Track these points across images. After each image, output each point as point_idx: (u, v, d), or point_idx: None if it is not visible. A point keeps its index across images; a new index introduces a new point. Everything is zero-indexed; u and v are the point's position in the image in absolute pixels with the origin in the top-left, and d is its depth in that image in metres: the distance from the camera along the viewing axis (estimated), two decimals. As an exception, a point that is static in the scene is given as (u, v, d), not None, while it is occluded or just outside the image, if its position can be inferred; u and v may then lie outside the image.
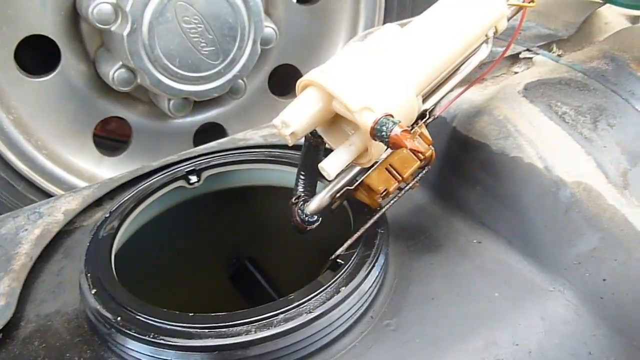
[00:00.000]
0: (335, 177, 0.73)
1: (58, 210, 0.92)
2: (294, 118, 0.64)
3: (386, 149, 0.69)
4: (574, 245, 0.73)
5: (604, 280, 0.71)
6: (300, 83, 0.66)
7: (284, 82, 1.82)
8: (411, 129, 0.71)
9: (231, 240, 1.04)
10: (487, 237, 0.79)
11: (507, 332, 0.67)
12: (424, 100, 0.76)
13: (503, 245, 0.78)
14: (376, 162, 0.73)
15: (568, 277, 0.72)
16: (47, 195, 1.48)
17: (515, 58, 1.01)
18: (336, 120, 0.71)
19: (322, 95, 0.64)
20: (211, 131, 1.75)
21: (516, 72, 0.98)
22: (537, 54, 1.00)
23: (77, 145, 1.56)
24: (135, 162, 1.60)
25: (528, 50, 1.01)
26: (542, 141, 0.79)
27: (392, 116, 0.61)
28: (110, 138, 1.80)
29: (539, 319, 0.68)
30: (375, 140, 0.61)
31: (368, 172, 0.73)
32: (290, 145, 0.66)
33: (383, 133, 0.59)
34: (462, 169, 0.85)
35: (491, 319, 0.68)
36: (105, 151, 1.64)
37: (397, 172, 0.73)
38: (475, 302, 0.70)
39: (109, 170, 1.59)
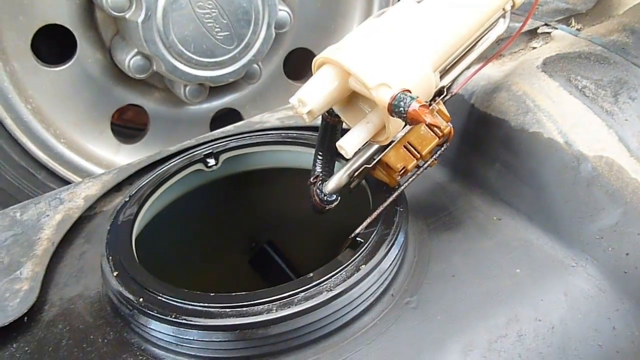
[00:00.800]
0: (353, 156, 0.73)
1: (78, 196, 0.93)
2: (311, 96, 0.63)
3: (404, 126, 0.68)
4: (596, 220, 0.72)
5: (627, 254, 0.70)
6: (316, 61, 0.66)
7: (299, 65, 1.81)
8: (429, 106, 0.71)
9: (249, 223, 1.05)
10: (507, 214, 0.79)
11: (529, 308, 0.66)
12: (442, 77, 0.75)
13: (523, 222, 0.77)
14: (394, 140, 0.73)
15: (590, 252, 0.71)
16: (67, 183, 1.49)
17: (533, 33, 0.99)
18: (353, 99, 0.71)
19: (338, 73, 0.64)
20: (227, 117, 1.75)
21: (534, 48, 0.97)
22: (556, 28, 0.98)
23: (95, 133, 1.57)
24: (152, 149, 1.60)
25: (546, 25, 0.99)
26: (562, 116, 0.78)
27: (409, 92, 0.60)
28: (128, 126, 1.81)
29: (561, 294, 0.68)
30: (393, 116, 0.60)
31: (386, 151, 0.73)
32: (308, 123, 0.66)
33: (401, 109, 0.59)
34: (481, 145, 0.85)
35: (512, 295, 0.68)
36: (122, 139, 1.65)
37: (415, 149, 0.73)
38: (496, 279, 0.70)
39: (127, 157, 1.60)
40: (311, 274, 0.65)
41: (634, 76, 0.84)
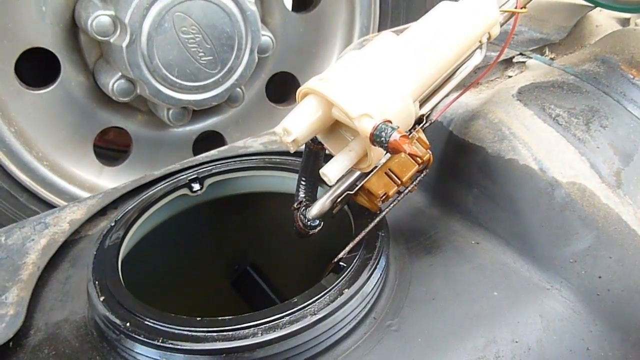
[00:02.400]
0: (336, 183, 0.75)
1: (63, 220, 0.94)
2: (296, 125, 0.65)
3: (385, 154, 0.71)
4: (570, 244, 0.75)
5: (600, 277, 0.72)
6: (300, 91, 0.68)
7: (281, 89, 1.84)
8: (409, 134, 0.73)
9: (233, 246, 1.06)
10: (485, 238, 0.81)
11: (507, 329, 0.69)
12: (421, 105, 0.77)
13: (500, 246, 0.80)
14: (375, 167, 0.75)
15: (564, 275, 0.74)
16: (49, 206, 1.49)
17: (508, 62, 1.03)
18: (336, 127, 0.73)
19: (322, 103, 0.66)
20: (210, 139, 1.77)
21: (510, 76, 1.00)
22: (530, 57, 1.02)
23: (78, 155, 1.57)
24: (135, 171, 1.61)
25: (521, 54, 1.03)
26: (536, 143, 0.81)
27: (390, 122, 0.63)
28: (110, 148, 1.82)
29: (537, 316, 0.70)
30: (375, 145, 0.63)
31: (368, 177, 0.75)
32: (292, 152, 0.68)
33: (382, 139, 0.61)
34: (459, 171, 0.87)
35: (490, 317, 0.70)
36: (105, 161, 1.66)
37: (396, 176, 0.75)
38: (474, 301, 0.72)
39: (110, 180, 1.60)
40: (295, 298, 0.66)
41: (605, 105, 0.88)
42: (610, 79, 0.92)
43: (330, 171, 0.67)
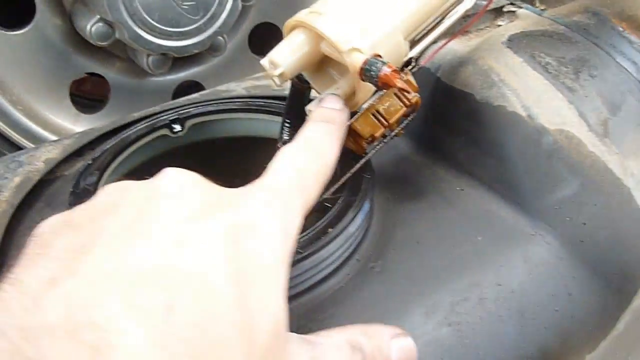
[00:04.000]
0: (322, 122, 0.73)
1: (38, 159, 0.91)
2: (283, 58, 0.63)
3: (374, 93, 0.69)
4: (555, 191, 0.74)
5: (584, 224, 0.72)
6: (288, 24, 0.66)
7: (264, 40, 1.80)
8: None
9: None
10: (470, 185, 0.80)
11: (490, 273, 0.68)
12: (410, 48, 0.76)
13: (485, 192, 0.79)
14: (362, 107, 0.74)
15: (549, 221, 0.74)
16: (23, 151, 1.45)
17: (498, 11, 1.01)
18: (323, 65, 0.71)
19: (310, 36, 0.64)
20: (190, 90, 1.72)
21: (499, 25, 0.99)
22: (521, 7, 1.00)
23: (53, 101, 1.53)
24: (112, 119, 1.57)
25: (511, 3, 1.01)
26: (525, 90, 0.80)
27: (380, 57, 0.61)
28: (87, 97, 1.78)
29: (521, 261, 0.70)
30: (364, 80, 0.61)
31: (355, 117, 0.74)
32: (278, 86, 0.66)
33: (372, 73, 0.59)
34: (446, 118, 0.86)
35: (474, 261, 0.69)
36: (82, 108, 1.62)
37: (383, 118, 0.74)
38: (459, 246, 0.71)
39: (86, 127, 1.56)
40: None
41: (595, 55, 0.87)
42: (600, 30, 0.91)
43: (317, 108, 0.65)
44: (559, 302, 0.69)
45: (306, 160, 0.54)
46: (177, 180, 0.46)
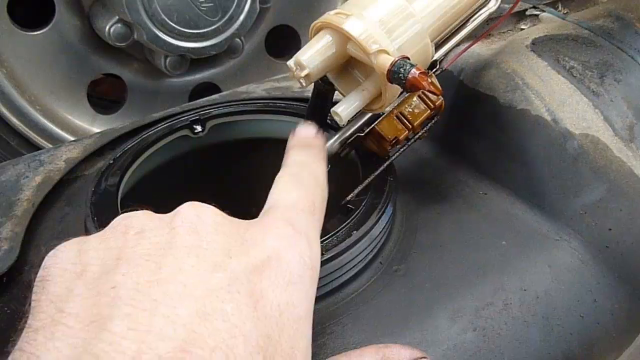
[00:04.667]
0: (346, 124, 0.73)
1: (59, 159, 0.91)
2: (309, 59, 0.63)
3: (400, 94, 0.68)
4: (580, 196, 0.74)
5: (610, 229, 0.71)
6: (314, 25, 0.66)
7: (281, 43, 1.80)
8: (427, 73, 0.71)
9: (234, 193, 1.04)
10: (493, 189, 0.80)
11: (515, 278, 0.68)
12: (435, 50, 0.75)
13: (508, 196, 0.79)
14: (387, 110, 0.73)
15: (574, 226, 0.73)
16: (41, 151, 1.46)
17: (521, 15, 1.01)
18: (348, 66, 0.70)
19: (337, 38, 0.64)
20: (206, 92, 1.73)
21: (522, 29, 0.98)
22: (544, 11, 1.00)
23: (71, 101, 1.54)
24: (129, 120, 1.57)
25: (534, 7, 1.01)
26: (550, 94, 0.79)
27: (408, 59, 0.61)
28: (104, 98, 1.78)
29: (545, 266, 0.69)
30: (392, 82, 0.60)
31: (379, 120, 0.73)
32: (304, 87, 0.66)
33: (400, 75, 0.59)
34: (469, 121, 0.85)
35: (499, 265, 0.69)
36: (99, 109, 1.62)
37: (407, 120, 0.73)
38: (482, 250, 0.71)
39: (103, 128, 1.57)
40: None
41: (619, 59, 0.86)
42: (624, 35, 0.90)
43: (343, 110, 0.65)
44: (584, 308, 0.68)
45: (310, 185, 0.53)
46: (196, 227, 0.43)
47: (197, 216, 0.44)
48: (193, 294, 0.37)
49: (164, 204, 0.94)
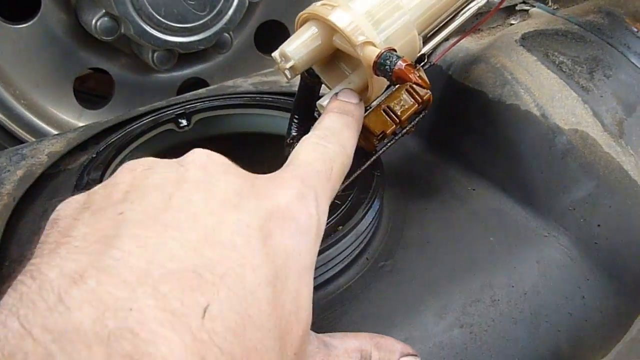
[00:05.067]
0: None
1: (42, 152, 0.90)
2: (295, 51, 0.62)
3: (386, 88, 0.67)
4: (569, 192, 0.73)
5: (599, 225, 0.71)
6: (300, 16, 0.64)
7: (270, 38, 1.78)
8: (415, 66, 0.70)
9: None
10: (481, 185, 0.79)
11: (503, 274, 0.67)
12: (423, 44, 0.74)
13: (497, 192, 0.78)
14: (373, 104, 0.72)
15: (563, 222, 0.72)
16: (26, 146, 1.44)
17: (511, 10, 1.00)
18: (334, 59, 0.69)
19: (323, 29, 0.63)
20: (195, 87, 1.71)
21: (512, 24, 0.97)
22: (534, 6, 0.99)
23: (57, 96, 1.51)
24: (116, 115, 1.56)
25: (524, 2, 1.00)
26: (539, 89, 0.79)
27: (395, 50, 0.59)
28: (91, 93, 1.76)
29: (534, 262, 0.69)
30: (378, 75, 0.59)
31: (366, 114, 0.72)
32: (289, 79, 0.64)
33: (387, 67, 0.58)
34: (457, 116, 0.85)
35: (486, 262, 0.68)
36: (85, 104, 1.60)
37: (394, 114, 0.72)
38: (470, 246, 0.70)
39: (90, 122, 1.55)
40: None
41: (609, 55, 0.85)
42: (614, 30, 0.89)
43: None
44: (572, 304, 0.67)
45: (333, 151, 0.52)
46: (207, 165, 0.42)
47: (207, 156, 0.44)
48: (203, 223, 0.36)
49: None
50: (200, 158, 0.44)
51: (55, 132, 1.50)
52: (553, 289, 0.67)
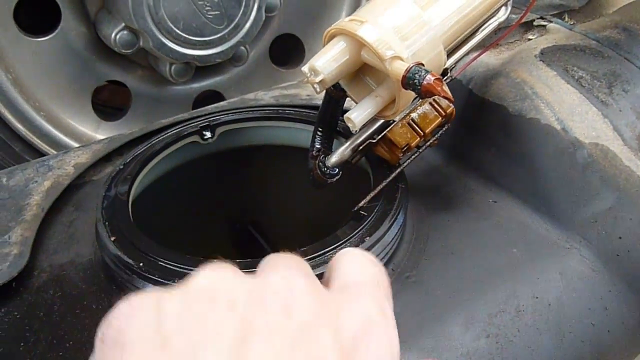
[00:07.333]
0: (358, 131, 0.73)
1: (68, 164, 0.91)
2: (324, 65, 0.63)
3: (414, 100, 0.69)
4: (590, 204, 0.74)
5: (620, 238, 0.72)
6: (328, 32, 0.66)
7: (285, 51, 1.80)
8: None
9: (243, 199, 1.04)
10: (503, 197, 0.80)
11: (527, 285, 0.68)
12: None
13: (518, 205, 0.79)
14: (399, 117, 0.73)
15: (584, 234, 0.73)
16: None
17: (529, 25, 1.01)
18: (359, 73, 0.71)
19: (351, 44, 0.64)
20: (210, 100, 1.73)
21: (530, 39, 0.99)
22: (551, 22, 1.00)
23: (75, 108, 1.53)
24: (133, 127, 1.56)
25: (542, 18, 1.01)
26: (559, 103, 0.80)
27: (423, 65, 0.61)
28: (108, 105, 1.78)
29: (557, 274, 0.69)
30: (407, 88, 0.61)
31: (391, 127, 0.74)
32: (318, 93, 0.66)
33: (415, 81, 0.59)
34: (478, 130, 0.86)
35: (510, 273, 0.69)
36: (103, 116, 1.62)
37: (419, 127, 0.74)
38: (493, 258, 0.71)
39: (107, 134, 1.56)
40: (314, 245, 0.65)
41: (627, 70, 0.87)
42: (631, 46, 0.91)
43: (356, 117, 0.65)
44: (595, 316, 0.68)
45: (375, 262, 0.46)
46: (286, 292, 0.36)
47: (291, 278, 0.38)
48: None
49: (173, 209, 0.94)
50: (280, 282, 0.37)
51: (74, 144, 1.52)
52: (576, 300, 0.68)
